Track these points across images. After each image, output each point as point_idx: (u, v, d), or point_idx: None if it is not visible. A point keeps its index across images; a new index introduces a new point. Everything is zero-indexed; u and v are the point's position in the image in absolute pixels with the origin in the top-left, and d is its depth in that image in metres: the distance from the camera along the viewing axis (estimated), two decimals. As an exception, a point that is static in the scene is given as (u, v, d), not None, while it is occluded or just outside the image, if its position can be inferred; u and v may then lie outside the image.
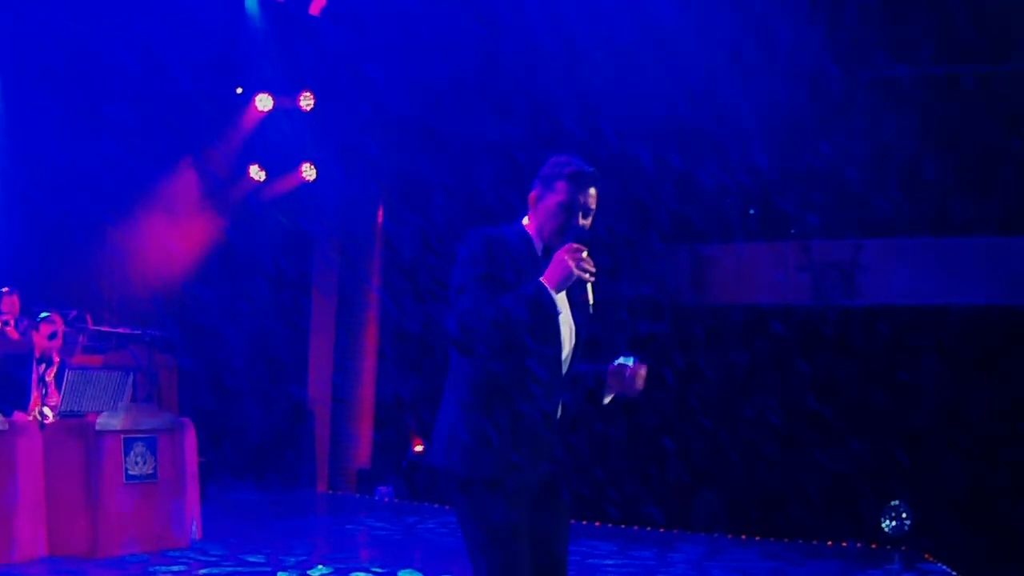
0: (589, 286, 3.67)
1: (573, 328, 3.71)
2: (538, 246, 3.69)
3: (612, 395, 3.77)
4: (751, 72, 11.80)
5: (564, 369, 3.68)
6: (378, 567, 8.03)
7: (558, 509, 3.72)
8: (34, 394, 8.40)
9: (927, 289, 13.03)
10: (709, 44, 11.92)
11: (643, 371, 3.73)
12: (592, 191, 3.67)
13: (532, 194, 3.73)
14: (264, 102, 14.00)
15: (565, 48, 12.25)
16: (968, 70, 12.49)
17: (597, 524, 10.78)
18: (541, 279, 3.49)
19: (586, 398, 3.79)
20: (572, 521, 3.83)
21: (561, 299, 3.58)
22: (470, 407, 3.59)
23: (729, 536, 10.58)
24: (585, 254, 3.52)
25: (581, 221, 3.65)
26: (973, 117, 12.06)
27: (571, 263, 3.47)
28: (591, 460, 12.75)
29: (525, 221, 3.74)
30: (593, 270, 3.52)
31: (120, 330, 11.30)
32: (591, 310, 3.72)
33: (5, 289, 10.85)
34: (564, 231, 3.62)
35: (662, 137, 12.55)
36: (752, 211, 13.71)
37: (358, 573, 7.76)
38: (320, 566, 7.93)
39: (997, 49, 12.03)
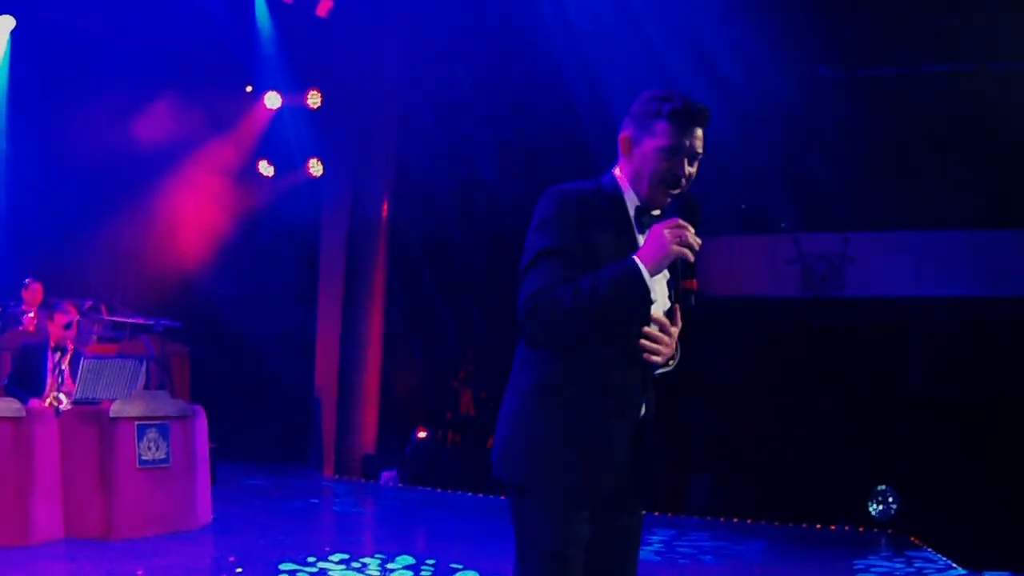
0: (694, 266, 2.90)
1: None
2: (631, 202, 2.98)
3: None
4: (744, 68, 11.96)
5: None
6: (381, 552, 8.15)
7: (629, 525, 3.06)
8: (49, 382, 8.48)
9: (912, 280, 13.19)
10: (705, 41, 12.10)
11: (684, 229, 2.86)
12: (699, 132, 2.92)
13: (623, 135, 2.99)
14: (273, 100, 14.31)
15: (565, 47, 12.43)
16: (953, 69, 12.64)
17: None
18: (635, 256, 2.80)
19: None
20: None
21: (659, 281, 2.91)
22: (535, 406, 2.93)
23: (721, 520, 10.70)
24: (692, 231, 2.83)
25: (687, 169, 2.93)
26: (958, 114, 12.21)
27: (671, 241, 2.79)
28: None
29: (617, 171, 3.01)
30: (697, 247, 2.83)
31: (134, 320, 11.53)
32: (693, 300, 2.95)
33: (28, 280, 11.09)
34: (665, 184, 2.92)
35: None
36: (743, 205, 13.84)
37: (362, 557, 7.86)
38: (328, 550, 8.14)
39: (983, 48, 12.19)
